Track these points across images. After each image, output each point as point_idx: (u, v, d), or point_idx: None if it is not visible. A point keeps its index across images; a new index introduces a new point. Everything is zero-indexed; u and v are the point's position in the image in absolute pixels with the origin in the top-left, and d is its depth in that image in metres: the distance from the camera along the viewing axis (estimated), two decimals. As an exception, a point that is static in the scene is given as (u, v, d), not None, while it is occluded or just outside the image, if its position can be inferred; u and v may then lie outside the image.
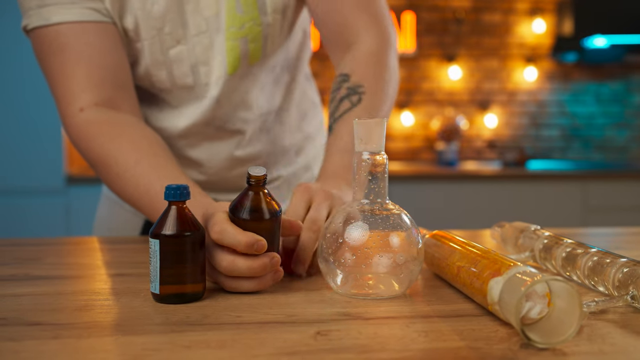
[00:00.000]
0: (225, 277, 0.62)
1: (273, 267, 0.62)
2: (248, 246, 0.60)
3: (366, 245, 0.60)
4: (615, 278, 0.60)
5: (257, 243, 0.60)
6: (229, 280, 0.62)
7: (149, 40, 0.90)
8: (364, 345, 0.48)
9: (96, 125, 0.84)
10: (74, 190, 2.58)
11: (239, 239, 0.60)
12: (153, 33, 0.89)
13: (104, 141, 0.83)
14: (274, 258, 0.62)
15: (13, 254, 0.85)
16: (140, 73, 0.93)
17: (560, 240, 0.72)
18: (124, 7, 0.88)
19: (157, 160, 0.80)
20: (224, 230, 0.61)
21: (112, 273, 0.75)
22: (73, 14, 0.85)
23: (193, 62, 0.92)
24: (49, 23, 0.85)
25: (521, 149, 3.38)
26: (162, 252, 0.59)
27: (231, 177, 1.02)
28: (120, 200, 1.06)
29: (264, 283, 0.63)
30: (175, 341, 0.49)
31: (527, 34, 3.41)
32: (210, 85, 0.94)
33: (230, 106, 0.96)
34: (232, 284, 0.62)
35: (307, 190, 0.72)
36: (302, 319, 0.55)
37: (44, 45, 0.87)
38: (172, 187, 0.60)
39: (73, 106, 0.86)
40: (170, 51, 0.91)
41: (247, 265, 0.61)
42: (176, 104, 0.96)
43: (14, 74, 2.53)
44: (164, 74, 0.92)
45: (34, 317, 0.55)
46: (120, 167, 0.81)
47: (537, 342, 0.48)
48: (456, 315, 0.57)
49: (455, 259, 0.64)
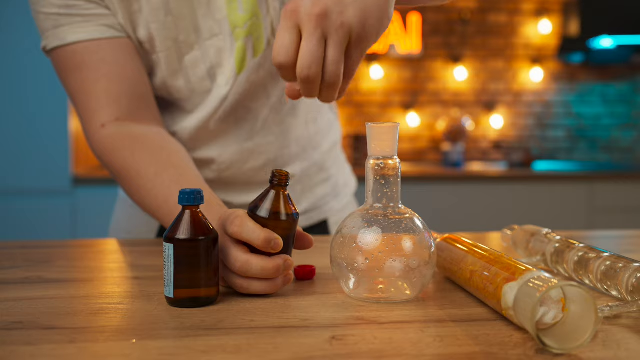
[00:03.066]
0: (237, 277, 0.63)
1: (286, 270, 0.63)
2: (266, 242, 0.60)
3: (379, 250, 0.61)
4: (629, 283, 0.60)
5: (274, 240, 0.61)
6: (241, 280, 0.63)
7: (164, 52, 0.90)
8: (380, 350, 0.48)
9: (118, 140, 0.87)
10: (80, 192, 2.58)
11: (258, 233, 0.61)
12: (169, 44, 0.90)
13: (125, 155, 0.85)
14: (287, 261, 0.62)
15: (24, 256, 0.85)
16: (157, 84, 0.94)
17: (571, 244, 0.72)
18: (135, 21, 0.88)
19: (177, 172, 0.82)
20: (244, 224, 0.61)
21: (124, 276, 0.75)
22: (87, 33, 0.86)
23: (208, 66, 0.93)
24: (64, 43, 0.87)
25: (527, 149, 3.37)
26: (176, 256, 0.59)
27: (244, 172, 1.02)
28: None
29: (275, 286, 0.63)
30: (192, 346, 0.49)
31: (533, 35, 3.40)
32: (224, 85, 0.94)
33: (240, 100, 0.97)
34: (244, 284, 0.63)
35: (294, 13, 0.61)
36: (316, 323, 0.55)
37: (62, 65, 0.89)
38: (185, 192, 0.61)
39: (95, 122, 0.88)
40: (185, 57, 0.92)
41: (260, 266, 0.61)
42: (190, 109, 0.97)
43: (19, 75, 2.54)
44: (182, 82, 0.93)
45: (49, 321, 0.55)
46: (141, 179, 0.83)
47: (553, 348, 0.48)
48: (470, 319, 0.57)
49: (468, 263, 0.64)
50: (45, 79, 2.55)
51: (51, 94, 2.55)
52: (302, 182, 1.08)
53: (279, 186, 0.64)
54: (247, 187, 1.03)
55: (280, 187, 0.64)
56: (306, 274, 0.72)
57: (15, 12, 2.51)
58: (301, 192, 1.09)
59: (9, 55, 2.53)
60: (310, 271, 0.72)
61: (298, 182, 1.08)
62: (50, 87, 2.55)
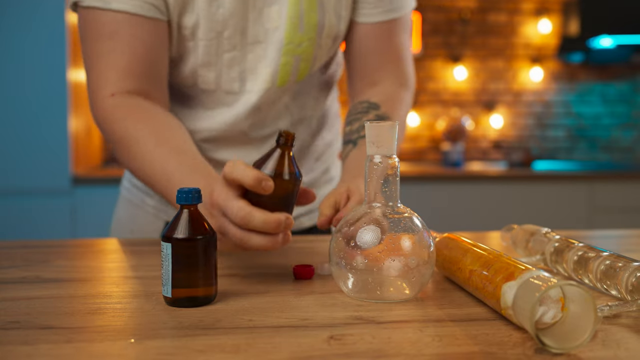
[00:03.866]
0: (237, 230, 0.63)
1: (286, 227, 0.63)
2: (256, 181, 0.61)
3: (378, 249, 0.60)
4: (629, 282, 0.60)
5: (265, 180, 0.61)
6: (241, 233, 0.63)
7: (206, 42, 0.90)
8: (378, 349, 0.48)
9: (123, 109, 0.86)
10: (80, 191, 2.58)
11: (248, 172, 0.61)
12: (212, 35, 0.90)
13: (128, 124, 0.85)
14: (288, 218, 0.63)
15: (23, 256, 0.85)
16: (186, 71, 0.94)
17: (571, 243, 0.72)
18: (187, 6, 0.89)
19: (177, 145, 0.83)
20: (235, 165, 0.62)
21: (123, 276, 0.75)
22: (132, 5, 0.86)
23: (242, 69, 0.94)
24: (107, 7, 0.86)
25: (527, 149, 3.37)
26: (174, 255, 0.59)
27: None
28: (141, 203, 1.07)
29: (275, 242, 0.63)
30: (190, 345, 0.49)
31: (533, 34, 3.40)
32: (252, 93, 0.95)
33: (265, 115, 0.99)
34: (244, 237, 0.63)
35: None
36: (315, 323, 0.55)
37: (93, 26, 0.88)
38: (183, 191, 0.60)
39: (106, 90, 0.87)
40: (224, 55, 0.92)
41: (262, 218, 0.61)
42: (212, 107, 0.97)
43: (19, 74, 2.54)
44: (212, 76, 0.94)
45: (46, 320, 0.55)
46: (140, 147, 0.83)
47: (552, 348, 0.47)
48: (469, 319, 0.56)
49: (467, 262, 0.64)
50: (45, 79, 2.54)
51: (51, 94, 2.55)
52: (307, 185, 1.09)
53: (284, 146, 0.64)
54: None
55: (286, 147, 0.64)
56: (305, 273, 0.72)
57: (16, 12, 2.50)
58: None
59: (9, 56, 2.52)
60: (309, 270, 0.72)
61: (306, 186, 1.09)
62: (50, 87, 2.54)
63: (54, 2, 2.51)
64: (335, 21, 0.95)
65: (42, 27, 2.52)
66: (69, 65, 2.55)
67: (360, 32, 0.98)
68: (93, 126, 2.95)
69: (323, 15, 0.93)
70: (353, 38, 1.00)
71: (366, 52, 0.99)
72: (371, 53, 0.99)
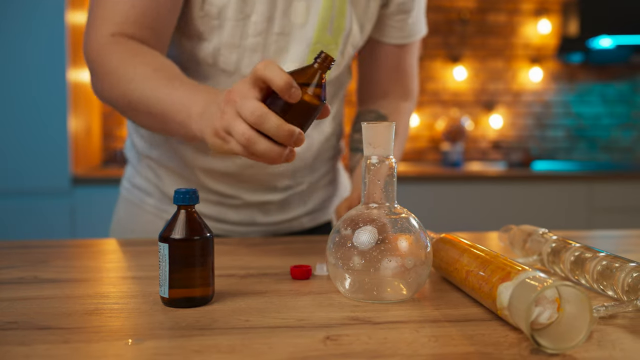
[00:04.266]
0: (247, 128, 0.62)
1: (297, 141, 0.63)
2: (287, 84, 0.61)
3: (375, 249, 0.61)
4: (625, 282, 0.60)
5: (295, 88, 0.61)
6: (251, 132, 0.62)
7: (233, 22, 0.90)
8: (374, 350, 0.48)
9: (120, 45, 0.85)
10: (80, 192, 2.58)
11: (282, 74, 0.61)
12: (240, 16, 0.89)
13: (124, 56, 0.83)
14: (301, 134, 0.63)
15: (21, 256, 0.85)
16: (208, 49, 0.92)
17: (568, 243, 0.72)
18: None
19: (178, 73, 0.81)
20: (269, 64, 0.62)
21: (120, 276, 0.75)
22: None
23: (264, 57, 0.93)
24: None
25: (526, 149, 3.37)
26: (171, 255, 0.59)
27: (265, 174, 1.02)
28: (141, 202, 1.06)
29: (280, 152, 0.63)
30: (186, 346, 0.49)
31: (533, 35, 3.40)
32: None
33: None
34: (253, 137, 0.62)
35: None
36: (311, 323, 0.55)
37: None
38: (181, 191, 0.60)
39: (106, 29, 0.85)
40: (249, 39, 0.92)
41: (277, 123, 0.61)
42: None
43: (19, 74, 2.54)
44: (234, 58, 0.93)
45: (44, 321, 0.55)
46: (138, 71, 0.81)
47: (548, 348, 0.48)
48: (465, 319, 0.57)
49: (464, 262, 0.64)
50: (45, 79, 2.55)
51: (51, 94, 2.55)
52: (311, 188, 1.09)
53: (321, 65, 0.64)
54: (261, 188, 1.04)
55: (322, 67, 0.64)
56: (302, 273, 0.72)
57: (16, 13, 2.51)
58: (309, 195, 1.10)
59: (9, 56, 2.53)
60: (306, 271, 0.72)
61: (309, 187, 1.09)
62: (50, 88, 2.54)
63: (54, 2, 2.51)
64: (359, 32, 0.99)
65: (42, 27, 2.52)
66: (68, 65, 2.55)
67: (380, 49, 1.06)
68: (93, 126, 2.96)
69: (350, 23, 0.96)
70: (371, 53, 1.07)
71: (381, 67, 1.07)
72: (385, 69, 1.07)
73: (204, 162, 0.99)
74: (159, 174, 1.04)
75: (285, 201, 1.06)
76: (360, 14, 0.97)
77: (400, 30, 1.03)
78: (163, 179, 1.03)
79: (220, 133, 0.67)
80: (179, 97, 0.76)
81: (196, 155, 0.99)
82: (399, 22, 1.03)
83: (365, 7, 0.97)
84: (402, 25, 1.03)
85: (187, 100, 0.75)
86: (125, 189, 1.10)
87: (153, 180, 1.05)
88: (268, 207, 1.05)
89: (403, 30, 1.04)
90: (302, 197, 1.09)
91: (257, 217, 1.05)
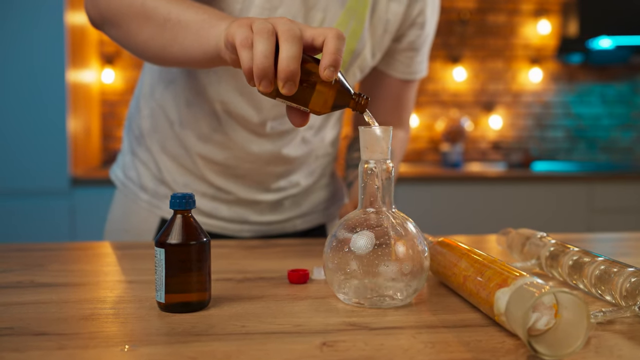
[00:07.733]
0: (270, 26, 0.60)
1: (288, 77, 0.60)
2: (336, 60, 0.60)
3: (372, 254, 0.60)
4: (623, 288, 0.60)
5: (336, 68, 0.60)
6: (269, 30, 0.60)
7: (260, 10, 0.89)
8: (370, 356, 0.48)
9: None
10: (79, 192, 2.58)
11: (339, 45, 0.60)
12: (267, 6, 0.89)
13: None
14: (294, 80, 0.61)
15: (19, 260, 0.85)
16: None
17: (566, 247, 0.72)
18: None
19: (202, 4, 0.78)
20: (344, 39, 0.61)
21: (116, 280, 0.75)
22: None
23: None
24: None
25: (526, 150, 3.37)
26: (167, 260, 0.59)
27: (263, 173, 1.02)
28: (134, 197, 1.06)
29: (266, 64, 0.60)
30: (182, 352, 0.49)
31: (532, 35, 3.40)
32: None
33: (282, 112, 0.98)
34: (266, 32, 0.60)
35: None
36: (308, 329, 0.55)
37: None
38: (177, 196, 0.60)
39: None
40: (278, 10, 0.90)
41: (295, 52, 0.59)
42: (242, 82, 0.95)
43: (19, 74, 2.54)
44: None
45: (39, 326, 0.55)
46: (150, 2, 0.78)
47: (545, 355, 0.47)
48: (462, 325, 0.56)
49: (461, 267, 0.63)
50: (44, 80, 2.54)
51: (50, 95, 2.55)
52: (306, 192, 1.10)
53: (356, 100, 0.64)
54: (255, 186, 1.04)
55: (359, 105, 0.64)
56: (300, 277, 0.72)
57: (16, 13, 2.50)
58: (303, 197, 1.10)
59: (8, 56, 2.52)
60: (303, 275, 0.72)
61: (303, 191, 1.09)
62: (49, 88, 2.54)
63: (54, 3, 2.51)
64: (369, 58, 1.01)
65: (42, 27, 2.52)
66: (68, 66, 2.55)
67: (384, 80, 1.10)
68: (92, 127, 2.95)
69: (362, 47, 0.98)
70: (375, 82, 1.11)
71: (382, 97, 1.11)
72: (386, 99, 1.11)
73: (204, 150, 1.00)
74: (157, 160, 1.03)
75: (278, 203, 1.07)
76: (375, 42, 1.00)
77: (407, 66, 1.07)
78: (161, 167, 1.03)
79: (243, 21, 0.64)
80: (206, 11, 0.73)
81: (197, 142, 1.00)
82: (407, 59, 1.06)
83: (381, 38, 1.00)
84: (409, 61, 1.07)
85: (214, 14, 0.73)
86: (120, 181, 1.09)
87: (151, 166, 1.04)
88: (260, 206, 1.05)
89: (409, 66, 1.07)
90: (295, 199, 1.09)
91: (249, 216, 1.05)
